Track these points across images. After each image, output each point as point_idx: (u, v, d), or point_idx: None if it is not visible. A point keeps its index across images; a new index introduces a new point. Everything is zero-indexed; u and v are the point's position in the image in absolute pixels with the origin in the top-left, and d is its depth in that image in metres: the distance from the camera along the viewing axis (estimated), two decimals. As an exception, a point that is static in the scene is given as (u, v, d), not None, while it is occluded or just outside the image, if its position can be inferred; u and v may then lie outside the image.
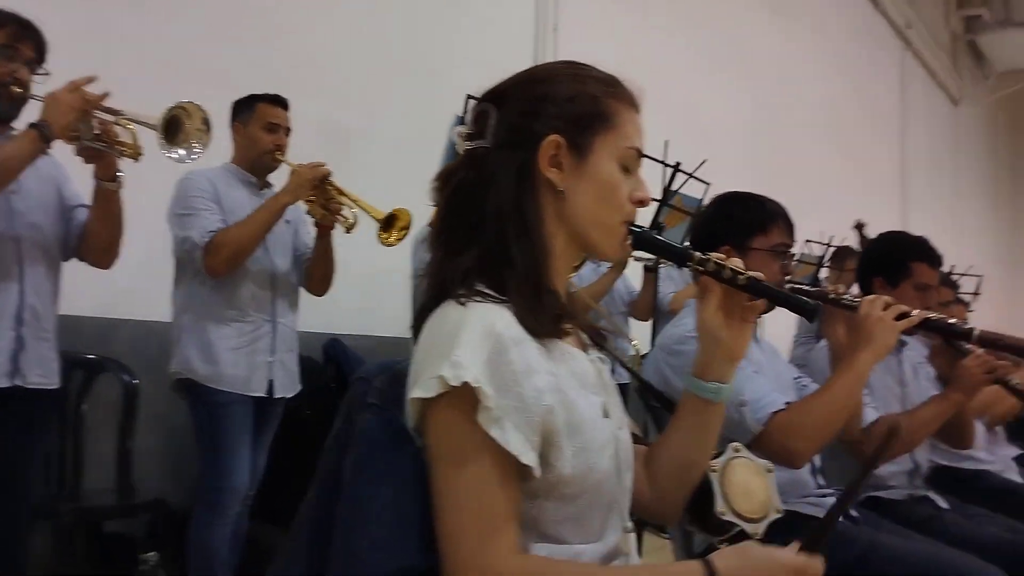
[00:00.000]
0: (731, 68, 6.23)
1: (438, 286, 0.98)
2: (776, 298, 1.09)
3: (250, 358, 2.50)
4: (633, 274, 3.77)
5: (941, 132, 11.15)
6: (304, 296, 2.76)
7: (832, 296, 1.86)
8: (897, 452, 2.08)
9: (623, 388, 3.54)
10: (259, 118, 2.58)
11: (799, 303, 1.13)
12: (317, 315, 3.01)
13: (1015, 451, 3.23)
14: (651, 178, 2.91)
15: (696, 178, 2.80)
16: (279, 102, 2.60)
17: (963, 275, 4.79)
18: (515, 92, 1.03)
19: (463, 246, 0.99)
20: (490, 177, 0.99)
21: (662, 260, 3.04)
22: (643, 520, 3.04)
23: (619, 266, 3.50)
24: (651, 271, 3.42)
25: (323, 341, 3.32)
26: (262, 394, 2.53)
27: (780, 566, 0.92)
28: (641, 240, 1.07)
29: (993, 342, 1.80)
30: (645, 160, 3.00)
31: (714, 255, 1.06)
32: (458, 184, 1.02)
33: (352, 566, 0.89)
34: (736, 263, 1.06)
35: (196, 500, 2.50)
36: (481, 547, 0.86)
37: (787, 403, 1.65)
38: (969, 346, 2.00)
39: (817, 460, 1.85)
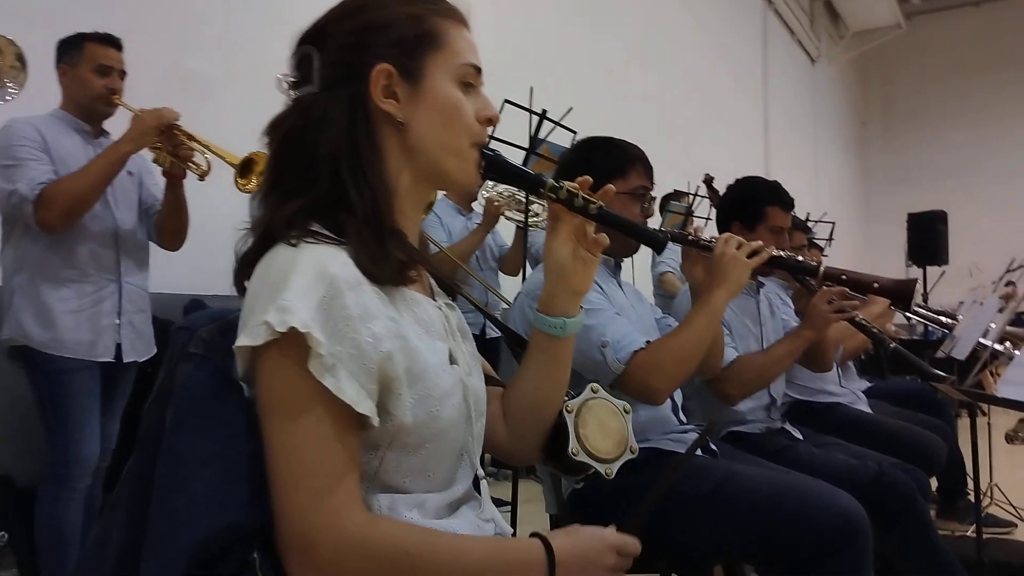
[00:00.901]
0: (597, 19, 6.26)
1: (264, 231, 0.91)
2: (626, 228, 1.08)
3: (93, 321, 2.32)
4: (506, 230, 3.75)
5: (800, 89, 11.69)
6: (161, 254, 2.58)
7: (691, 238, 1.89)
8: (754, 388, 2.17)
9: (497, 341, 3.57)
10: (89, 59, 2.35)
11: (648, 234, 1.13)
12: (175, 274, 2.84)
13: (864, 384, 3.46)
14: (517, 126, 2.90)
15: (562, 126, 2.78)
16: (111, 42, 2.39)
17: (818, 221, 5.05)
18: (333, 28, 0.96)
19: (295, 193, 0.92)
20: (321, 120, 0.92)
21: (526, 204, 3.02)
22: (515, 467, 3.09)
23: (486, 225, 3.47)
24: (522, 229, 3.41)
25: (184, 302, 3.14)
26: (110, 359, 2.36)
27: (603, 542, 0.94)
28: (493, 165, 1.02)
29: (836, 277, 1.87)
30: (511, 107, 2.96)
31: (568, 183, 1.03)
32: (287, 132, 0.94)
33: (168, 526, 0.81)
34: (588, 193, 1.04)
35: (42, 475, 2.32)
36: (318, 502, 0.81)
37: (648, 342, 1.66)
38: (821, 285, 2.08)
39: (679, 398, 1.88)
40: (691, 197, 4.31)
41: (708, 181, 3.88)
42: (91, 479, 2.34)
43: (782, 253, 1.85)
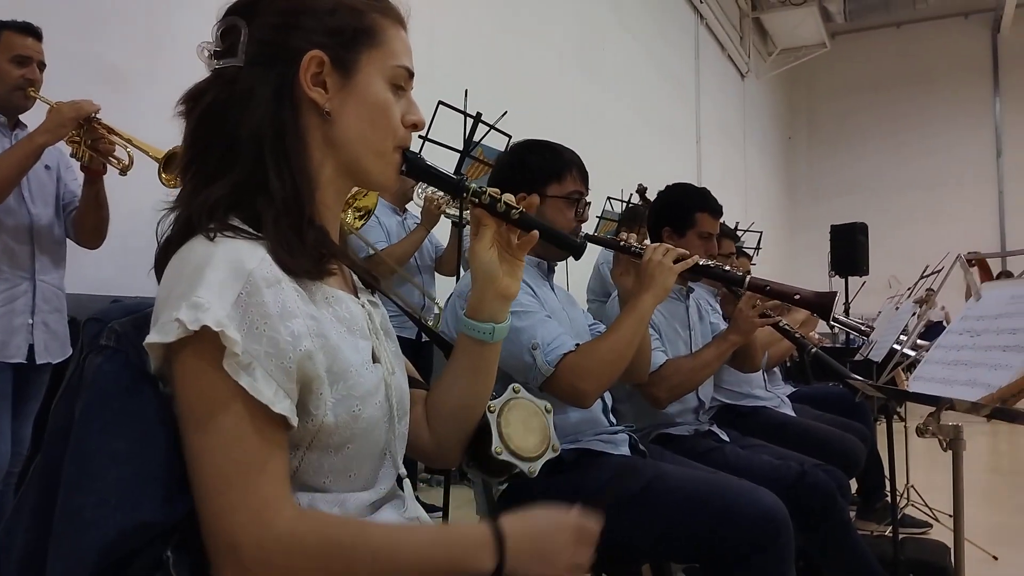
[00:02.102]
0: (532, 26, 6.30)
1: (185, 220, 0.87)
2: (545, 233, 1.08)
3: (5, 320, 2.23)
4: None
5: (731, 102, 12.00)
6: (80, 252, 2.49)
7: (622, 244, 1.91)
8: (683, 391, 2.21)
9: (432, 345, 3.55)
10: (5, 48, 2.26)
11: (566, 239, 1.14)
12: (94, 274, 2.73)
13: (789, 389, 3.57)
14: (452, 128, 2.90)
15: (497, 130, 2.78)
16: (29, 31, 2.30)
17: (747, 231, 5.19)
18: (267, 5, 0.92)
19: (215, 176, 0.88)
20: (245, 98, 0.89)
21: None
22: (447, 472, 3.07)
23: (427, 224, 3.47)
24: (457, 226, 3.40)
25: (102, 304, 3.02)
26: (21, 360, 2.26)
27: (559, 525, 0.90)
28: (414, 167, 1.01)
29: (760, 287, 1.92)
30: (445, 109, 2.96)
31: (490, 188, 1.03)
32: (208, 107, 0.90)
33: (75, 526, 0.77)
34: (509, 198, 1.04)
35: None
36: (243, 501, 0.78)
37: (577, 345, 1.67)
38: (747, 292, 2.13)
39: (609, 399, 1.90)
40: (624, 205, 4.37)
41: (642, 191, 3.93)
42: (1, 485, 2.23)
43: (709, 262, 1.88)
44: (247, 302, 0.80)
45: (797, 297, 1.92)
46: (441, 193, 3.45)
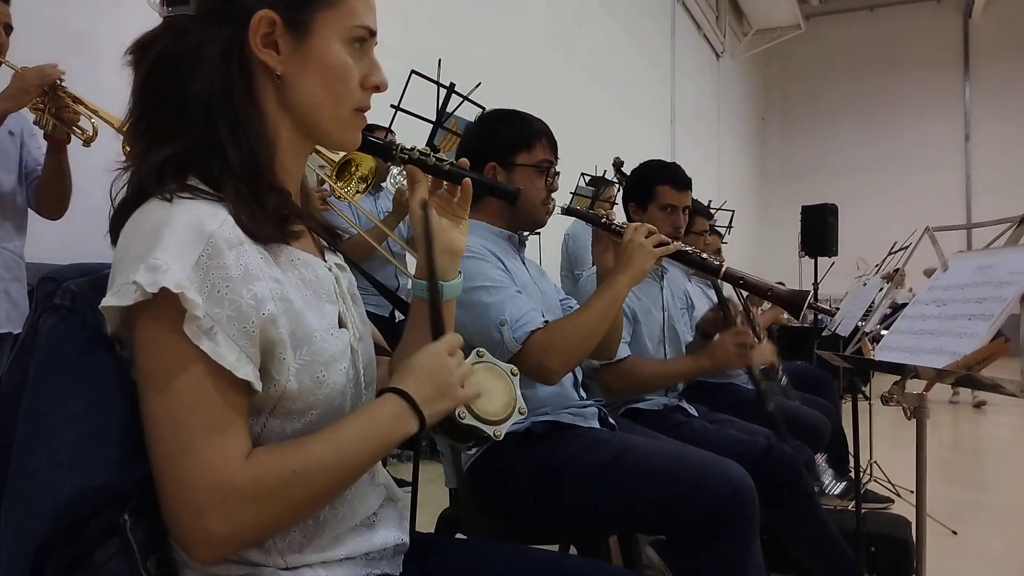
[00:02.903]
0: (508, 1, 6.24)
1: (138, 182, 0.85)
2: (479, 184, 1.11)
3: (-35, 289, 2.18)
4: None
5: (706, 82, 12.02)
6: (40, 222, 2.43)
7: (604, 221, 1.90)
8: (637, 392, 2.27)
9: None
10: None
11: (500, 187, 1.17)
12: (55, 243, 2.68)
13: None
14: (425, 99, 2.87)
15: (471, 101, 2.75)
16: None
17: (719, 209, 5.21)
18: None
19: (167, 135, 0.85)
20: (193, 54, 0.85)
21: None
22: (416, 447, 3.06)
23: (397, 215, 3.40)
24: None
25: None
26: (-18, 330, 2.21)
27: (435, 354, 0.94)
28: None
29: (735, 278, 1.92)
30: (419, 79, 2.89)
31: (419, 146, 1.06)
32: (157, 57, 0.87)
33: (28, 488, 0.76)
34: (441, 154, 1.06)
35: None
36: (206, 465, 0.77)
37: (546, 322, 1.67)
38: (721, 284, 2.12)
39: (579, 374, 1.90)
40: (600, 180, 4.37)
41: (618, 165, 3.93)
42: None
43: (688, 248, 1.88)
44: (208, 264, 0.78)
45: (770, 293, 1.93)
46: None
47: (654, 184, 2.42)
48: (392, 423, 0.88)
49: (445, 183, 1.10)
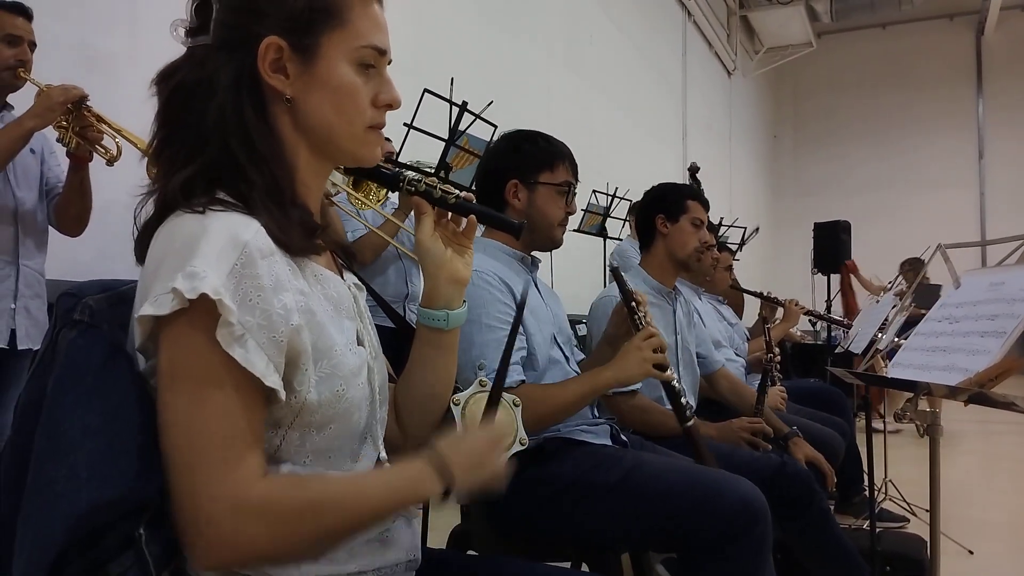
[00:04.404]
0: (520, 19, 6.29)
1: (163, 201, 0.87)
2: (484, 217, 1.10)
3: (-13, 305, 2.21)
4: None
5: (717, 99, 12.04)
6: (61, 239, 2.47)
7: (632, 304, 1.85)
8: (639, 427, 2.19)
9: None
10: None
11: (504, 220, 1.16)
12: (72, 260, 2.71)
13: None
14: (437, 117, 2.90)
15: (483, 119, 2.78)
16: (20, 10, 2.27)
17: (731, 226, 5.22)
18: None
19: (188, 160, 0.88)
20: (208, 83, 0.88)
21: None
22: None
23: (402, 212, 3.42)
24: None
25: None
26: (3, 345, 2.25)
27: (481, 438, 0.97)
28: (352, 168, 1.03)
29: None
30: (431, 98, 2.93)
31: (427, 178, 1.05)
32: (177, 86, 0.89)
33: (46, 499, 0.77)
34: (447, 187, 1.05)
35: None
36: (221, 477, 0.78)
37: (522, 382, 1.66)
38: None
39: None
40: (609, 198, 4.38)
41: (693, 171, 3.93)
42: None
43: (676, 385, 1.82)
44: (242, 273, 0.80)
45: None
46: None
47: (685, 199, 2.50)
48: (418, 481, 0.89)
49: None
